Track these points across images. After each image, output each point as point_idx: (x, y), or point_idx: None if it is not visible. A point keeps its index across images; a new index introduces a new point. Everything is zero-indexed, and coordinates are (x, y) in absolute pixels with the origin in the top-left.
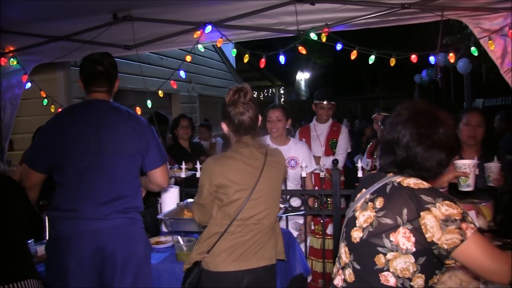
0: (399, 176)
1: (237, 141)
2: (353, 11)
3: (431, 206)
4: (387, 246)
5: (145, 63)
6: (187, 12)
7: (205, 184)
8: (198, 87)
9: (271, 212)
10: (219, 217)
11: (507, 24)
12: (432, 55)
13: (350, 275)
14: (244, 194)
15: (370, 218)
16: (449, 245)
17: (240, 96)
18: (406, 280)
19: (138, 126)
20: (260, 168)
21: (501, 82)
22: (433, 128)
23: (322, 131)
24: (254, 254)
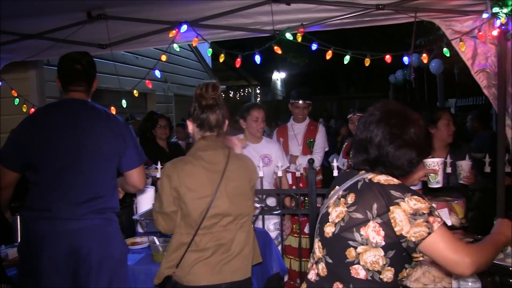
0: (371, 173)
1: (200, 139)
2: (328, 12)
3: (400, 201)
4: (357, 240)
5: (120, 63)
6: (163, 11)
7: (165, 190)
8: (174, 86)
9: (238, 218)
10: (182, 226)
11: (477, 27)
12: (406, 55)
13: (323, 269)
14: (205, 202)
15: (342, 213)
16: (416, 238)
17: (208, 89)
18: (375, 273)
19: (116, 127)
20: (221, 172)
21: (472, 83)
22: (404, 128)
23: (299, 130)
24: (226, 265)
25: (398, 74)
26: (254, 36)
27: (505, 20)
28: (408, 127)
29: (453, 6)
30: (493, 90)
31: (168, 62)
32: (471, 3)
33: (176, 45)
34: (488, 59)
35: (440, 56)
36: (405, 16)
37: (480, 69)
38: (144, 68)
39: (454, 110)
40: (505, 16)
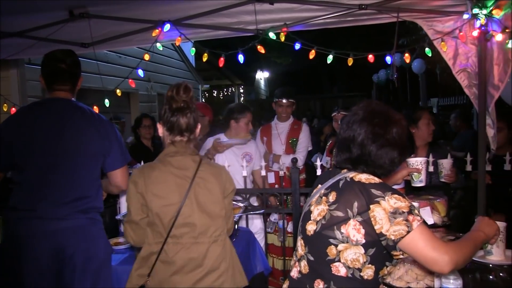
0: (352, 172)
1: (169, 144)
2: (311, 11)
3: (381, 199)
4: (338, 238)
5: (103, 62)
6: (146, 10)
7: (132, 197)
8: (157, 86)
9: (211, 230)
10: (150, 236)
11: (458, 27)
12: (389, 55)
13: (305, 267)
14: (173, 209)
15: (324, 211)
16: (396, 236)
17: (180, 91)
18: (356, 270)
19: (101, 126)
20: (190, 178)
21: (454, 82)
22: (387, 127)
23: (282, 129)
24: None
25: (381, 74)
26: (238, 35)
27: (485, 21)
28: (390, 127)
29: (434, 6)
30: (474, 90)
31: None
32: (452, 4)
33: (159, 44)
34: (469, 59)
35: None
36: (388, 16)
37: (461, 69)
38: (127, 67)
39: (436, 109)
40: (485, 17)
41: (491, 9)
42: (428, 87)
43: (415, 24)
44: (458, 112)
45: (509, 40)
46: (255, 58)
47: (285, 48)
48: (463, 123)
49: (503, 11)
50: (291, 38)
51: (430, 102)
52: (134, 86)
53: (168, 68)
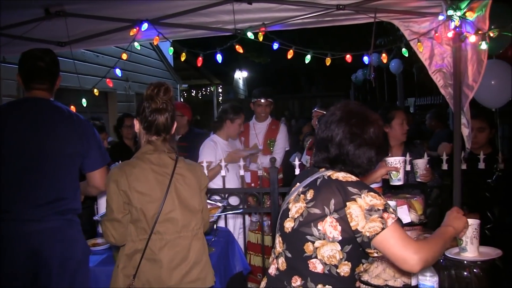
0: (330, 171)
1: (146, 143)
2: (289, 11)
3: (357, 197)
4: (315, 235)
5: (79, 61)
6: (123, 9)
7: (113, 195)
8: (135, 85)
9: (192, 224)
10: (134, 233)
11: (433, 28)
12: (366, 55)
13: (282, 263)
14: (156, 205)
15: (301, 208)
16: (370, 233)
17: (160, 92)
18: (332, 267)
19: (80, 127)
20: (170, 174)
21: (430, 82)
22: (364, 127)
23: (260, 129)
24: (186, 276)
25: (359, 74)
26: (216, 35)
27: (459, 22)
28: (368, 127)
29: (411, 7)
30: (449, 90)
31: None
32: (428, 5)
33: (137, 43)
34: (444, 59)
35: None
36: (365, 16)
37: (437, 69)
38: (105, 67)
39: (413, 109)
40: (459, 19)
41: (465, 11)
42: (405, 87)
43: (392, 25)
44: (434, 112)
45: (482, 41)
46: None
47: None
48: (439, 122)
49: (475, 14)
50: (269, 38)
51: (407, 101)
52: (111, 86)
53: (146, 67)
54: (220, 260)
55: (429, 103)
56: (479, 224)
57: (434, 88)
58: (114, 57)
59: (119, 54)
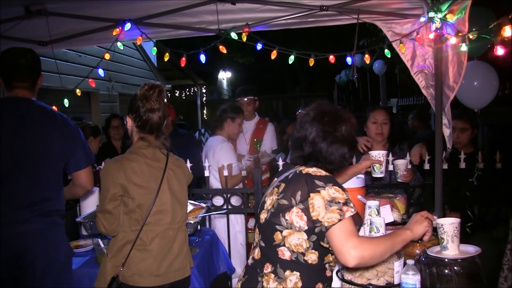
0: (303, 166)
1: (139, 139)
2: (273, 12)
3: (321, 189)
4: (283, 224)
5: (62, 61)
6: (105, 8)
7: (109, 188)
8: (118, 85)
9: (179, 216)
10: (126, 224)
11: (415, 30)
12: (349, 56)
13: (258, 253)
14: (150, 197)
15: (273, 201)
16: (328, 223)
17: (155, 92)
18: (300, 254)
19: (64, 127)
20: (163, 169)
21: (412, 83)
22: (336, 125)
23: (247, 129)
24: (170, 266)
25: (343, 74)
26: (200, 35)
27: (440, 24)
28: (339, 125)
29: (393, 9)
30: (431, 91)
31: (112, 60)
32: (410, 7)
33: (120, 43)
34: (426, 60)
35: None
36: (348, 17)
37: (419, 70)
38: (87, 67)
39: (396, 109)
40: (440, 21)
41: (445, 14)
42: (388, 87)
43: (375, 26)
44: (415, 113)
45: (462, 43)
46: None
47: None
48: (421, 123)
49: (455, 16)
50: (253, 38)
51: (390, 102)
52: (94, 86)
53: (129, 67)
54: (204, 261)
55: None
56: (460, 223)
57: (416, 88)
58: (97, 57)
59: (102, 54)
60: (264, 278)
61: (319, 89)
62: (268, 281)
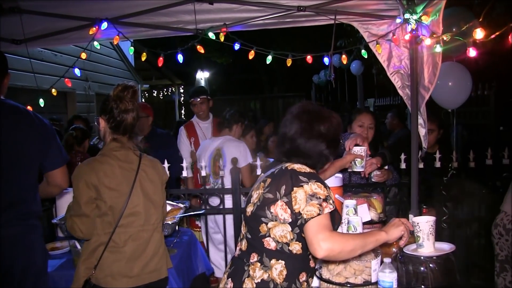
0: (289, 163)
1: (112, 140)
2: (251, 12)
3: (304, 184)
4: (268, 217)
5: (36, 60)
6: (82, 7)
7: (82, 191)
8: (95, 85)
9: (153, 217)
10: (99, 227)
11: (391, 31)
12: (326, 56)
13: (245, 245)
14: (122, 200)
15: (259, 195)
16: (307, 216)
17: (128, 93)
18: (284, 245)
19: (38, 126)
20: (135, 170)
21: (389, 83)
22: (315, 123)
23: (206, 129)
24: (145, 268)
25: (321, 75)
26: (177, 35)
27: (415, 26)
28: (318, 123)
29: (370, 10)
30: (407, 91)
31: (89, 60)
32: (386, 8)
33: (96, 42)
34: (402, 61)
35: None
36: (326, 18)
37: (395, 71)
38: (63, 66)
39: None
40: (415, 22)
41: (420, 15)
42: (365, 87)
43: (352, 27)
44: (394, 112)
45: (437, 44)
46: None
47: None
48: (398, 122)
49: (430, 18)
50: (230, 38)
51: (367, 102)
52: (70, 86)
53: (106, 67)
54: (183, 261)
55: (388, 103)
56: (435, 221)
57: (393, 89)
58: (73, 56)
59: (78, 53)
60: (251, 267)
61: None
62: (254, 270)
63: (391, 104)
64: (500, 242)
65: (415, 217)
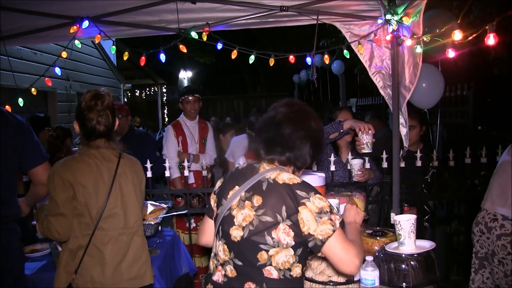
0: (272, 171)
1: (87, 144)
2: (233, 11)
3: (306, 201)
4: (269, 243)
5: (15, 58)
6: (62, 5)
7: (59, 191)
8: (76, 84)
9: (131, 219)
10: (77, 228)
11: (373, 31)
12: (309, 56)
13: (231, 271)
14: (101, 200)
15: (249, 216)
16: (323, 236)
17: (97, 104)
18: (286, 271)
19: (14, 126)
20: (114, 170)
21: (371, 83)
22: (305, 116)
23: (194, 128)
24: (125, 273)
25: (302, 74)
26: (159, 34)
27: (396, 26)
28: (308, 118)
29: (352, 11)
30: (388, 91)
31: (70, 59)
32: (367, 9)
33: (77, 41)
34: (383, 61)
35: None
36: (308, 18)
37: (377, 71)
38: (44, 65)
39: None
40: (396, 23)
41: (401, 16)
42: (348, 87)
43: (334, 27)
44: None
45: (417, 45)
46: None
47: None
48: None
49: (411, 19)
50: (213, 38)
51: (349, 102)
52: (50, 85)
53: (88, 66)
54: (166, 262)
55: (370, 103)
56: (416, 219)
57: (375, 89)
58: (54, 55)
59: (59, 52)
60: None
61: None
62: None
63: (373, 104)
64: (480, 240)
65: (396, 216)
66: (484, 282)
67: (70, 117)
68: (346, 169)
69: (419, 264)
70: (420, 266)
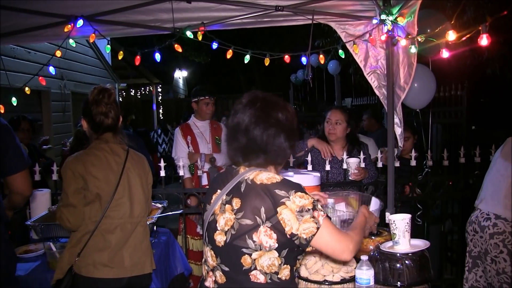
0: (251, 172)
1: (97, 138)
2: (228, 11)
3: (286, 200)
4: (251, 247)
5: (9, 57)
6: (56, 3)
7: (70, 182)
8: (70, 84)
9: (136, 210)
10: (87, 215)
11: (368, 31)
12: (304, 56)
13: (221, 277)
14: (108, 189)
15: (230, 220)
16: (307, 234)
17: (104, 97)
18: (273, 274)
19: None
20: (122, 163)
21: (366, 83)
22: (269, 111)
23: (204, 128)
24: (127, 259)
25: (299, 74)
26: (155, 33)
27: (391, 26)
28: (274, 110)
29: (347, 11)
30: (383, 90)
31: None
32: (362, 9)
33: (72, 40)
34: (378, 61)
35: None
36: (303, 18)
37: (372, 71)
38: (37, 64)
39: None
40: (391, 23)
41: (396, 17)
42: (343, 87)
43: (330, 27)
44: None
45: (412, 45)
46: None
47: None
48: (375, 122)
49: (405, 19)
50: (208, 37)
51: (344, 101)
52: (44, 84)
53: (82, 65)
54: (161, 262)
55: (365, 103)
56: (410, 219)
57: (370, 89)
58: (48, 54)
59: (53, 51)
60: None
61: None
62: None
63: (368, 104)
64: (474, 239)
65: (391, 215)
66: (477, 281)
67: (64, 116)
68: (342, 168)
69: (414, 263)
70: (415, 265)
